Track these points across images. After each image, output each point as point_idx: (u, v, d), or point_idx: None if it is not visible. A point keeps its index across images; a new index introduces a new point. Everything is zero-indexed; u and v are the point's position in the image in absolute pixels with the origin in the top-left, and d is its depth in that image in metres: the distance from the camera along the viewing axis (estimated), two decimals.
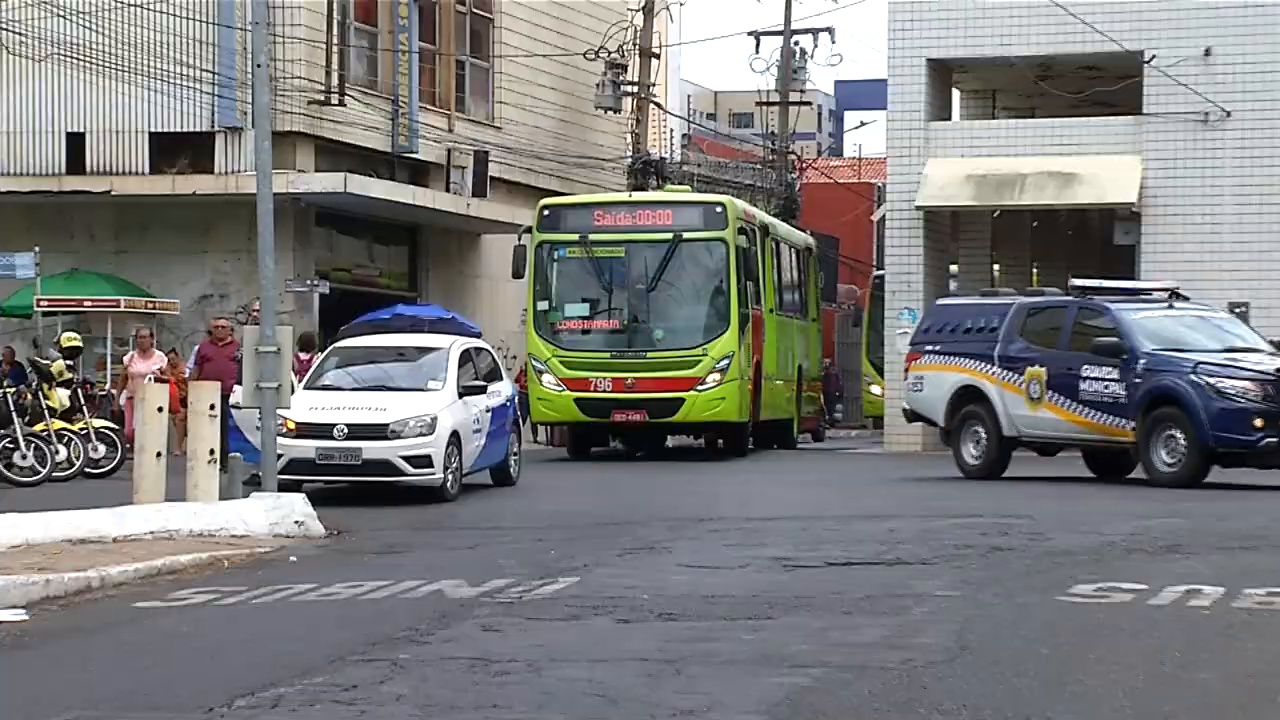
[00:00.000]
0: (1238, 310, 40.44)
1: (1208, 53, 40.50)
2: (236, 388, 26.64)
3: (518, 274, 36.61)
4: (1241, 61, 40.39)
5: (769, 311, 44.43)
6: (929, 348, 34.31)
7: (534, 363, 36.78)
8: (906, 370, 35.87)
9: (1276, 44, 40.23)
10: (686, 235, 36.42)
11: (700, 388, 35.64)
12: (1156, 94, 40.99)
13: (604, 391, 35.86)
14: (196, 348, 34.94)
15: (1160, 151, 40.87)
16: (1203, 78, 40.55)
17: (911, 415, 36.37)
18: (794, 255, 51.19)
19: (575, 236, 36.78)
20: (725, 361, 35.94)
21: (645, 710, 11.78)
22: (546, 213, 38.33)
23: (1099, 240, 42.36)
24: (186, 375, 32.81)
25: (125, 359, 33.60)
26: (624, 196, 43.26)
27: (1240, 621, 15.24)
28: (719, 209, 37.24)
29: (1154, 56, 40.89)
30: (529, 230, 39.77)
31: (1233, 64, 40.40)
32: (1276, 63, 40.24)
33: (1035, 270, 48.32)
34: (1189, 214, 40.79)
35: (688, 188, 51.55)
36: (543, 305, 37.09)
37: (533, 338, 37.41)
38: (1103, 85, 42.09)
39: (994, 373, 31.84)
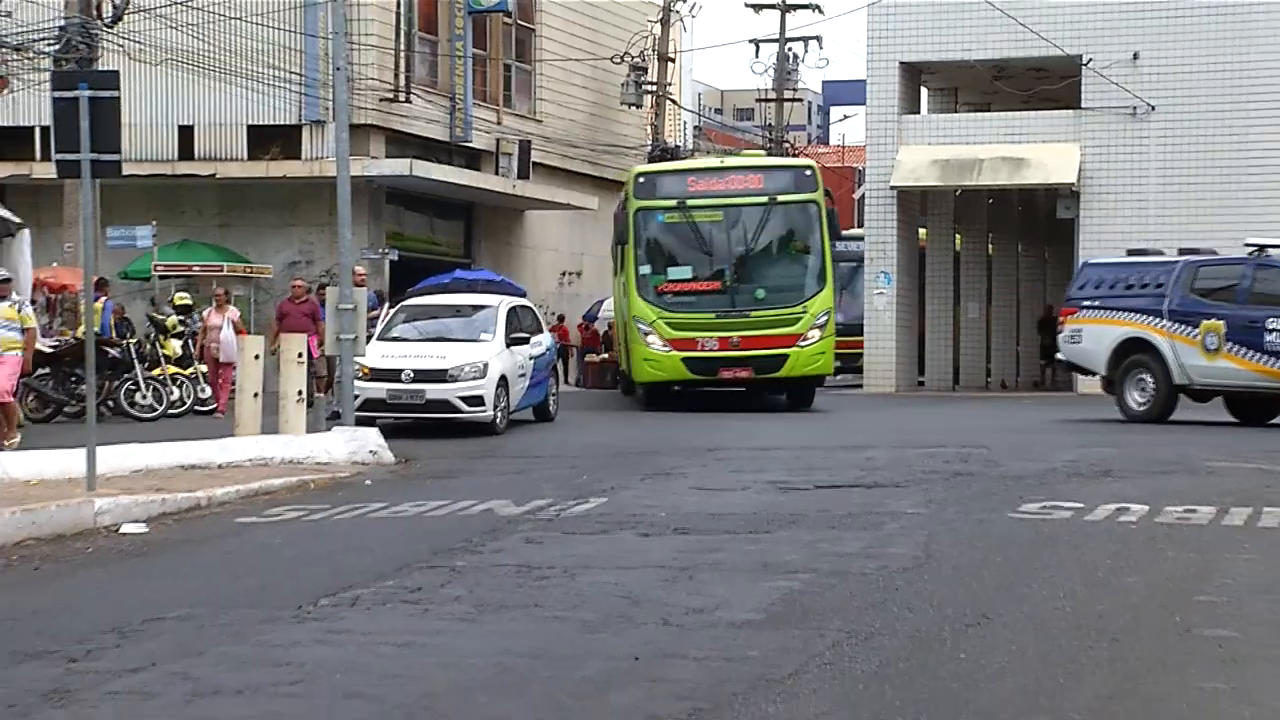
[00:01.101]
0: None
1: (1136, 56, 40.44)
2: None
3: (621, 240, 33.08)
4: (1164, 64, 40.32)
5: None
6: (1086, 303, 32.40)
7: (638, 325, 32.21)
8: (1061, 324, 33.27)
9: (1194, 49, 40.12)
10: (780, 198, 32.39)
11: (802, 344, 31.90)
12: (1093, 91, 40.92)
13: (710, 351, 31.92)
14: (278, 304, 34.95)
15: (1096, 140, 40.81)
16: (1131, 78, 40.49)
17: (1067, 365, 34.59)
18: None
19: (673, 202, 32.56)
20: (823, 318, 32.37)
21: (662, 609, 11.79)
22: (642, 180, 33.86)
23: (1045, 214, 42.25)
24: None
25: (204, 313, 33.39)
26: (716, 162, 38.20)
27: (1161, 534, 15.25)
28: (808, 172, 33.34)
29: (1090, 60, 40.83)
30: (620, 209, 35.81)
31: (1157, 66, 40.34)
32: (1193, 65, 40.15)
33: (990, 240, 48.08)
34: (1120, 192, 40.75)
35: (763, 152, 48.26)
36: (645, 269, 32.68)
37: (636, 301, 32.57)
38: (1048, 84, 41.94)
39: (1163, 326, 30.39)
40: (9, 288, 23.86)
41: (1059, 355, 34.19)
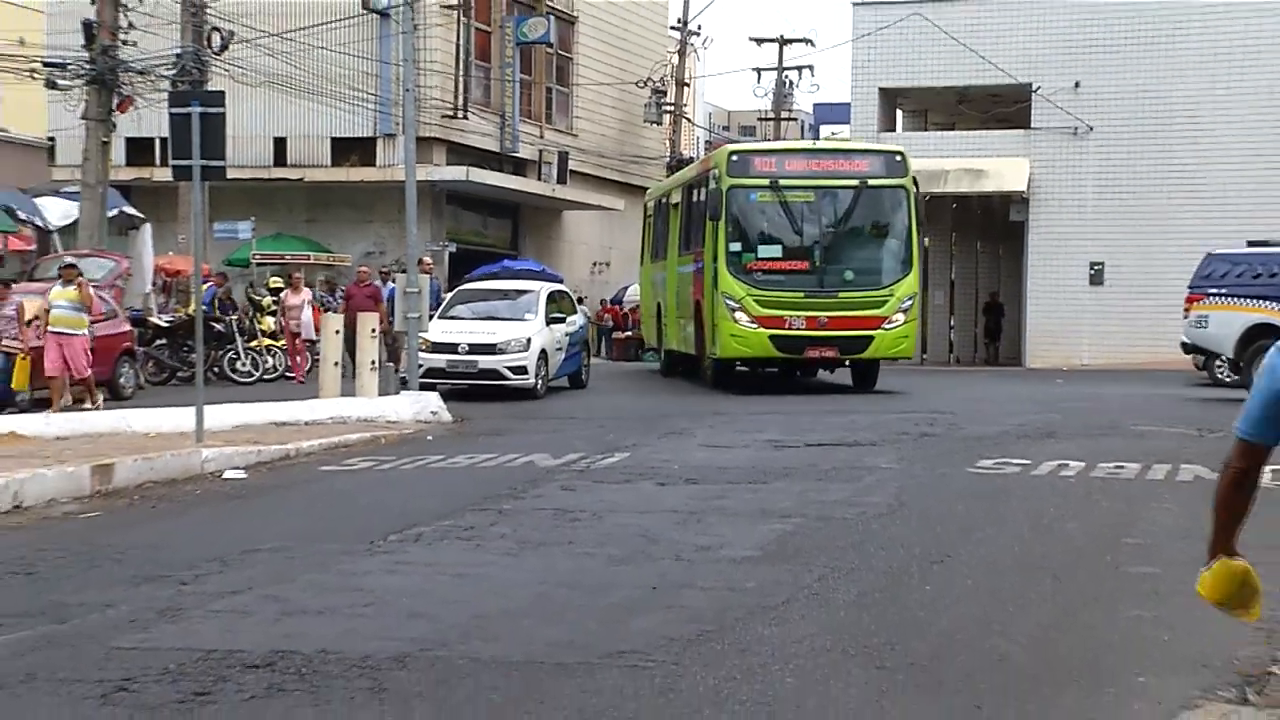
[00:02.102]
0: (1095, 267, 40.49)
1: (1077, 85, 40.32)
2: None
3: (714, 216, 28.08)
4: (1101, 91, 40.24)
5: None
6: (1212, 290, 30.50)
7: (727, 301, 27.67)
8: (1187, 310, 31.11)
9: (1126, 79, 40.05)
10: (871, 181, 27.96)
11: (887, 326, 27.45)
12: (1040, 114, 40.83)
13: (798, 329, 27.34)
14: (344, 287, 34.98)
15: (1043, 155, 40.75)
16: (1073, 103, 40.38)
17: (1190, 348, 31.68)
18: None
19: (766, 181, 27.85)
20: (909, 302, 27.92)
21: (675, 547, 11.81)
22: (735, 158, 28.85)
23: (1000, 218, 42.08)
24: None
25: (283, 295, 33.33)
26: (809, 144, 35.20)
27: (1096, 487, 15.24)
28: (898, 158, 28.65)
29: (1039, 87, 40.73)
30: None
31: (1094, 93, 40.26)
32: (1126, 93, 40.09)
33: (953, 239, 47.93)
34: (1063, 199, 40.72)
35: (860, 139, 40.03)
36: (735, 246, 27.95)
37: (725, 277, 27.88)
38: (1003, 107, 41.85)
39: None
40: (74, 273, 23.82)
41: (1184, 339, 31.48)
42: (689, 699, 7.55)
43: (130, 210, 36.18)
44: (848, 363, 29.82)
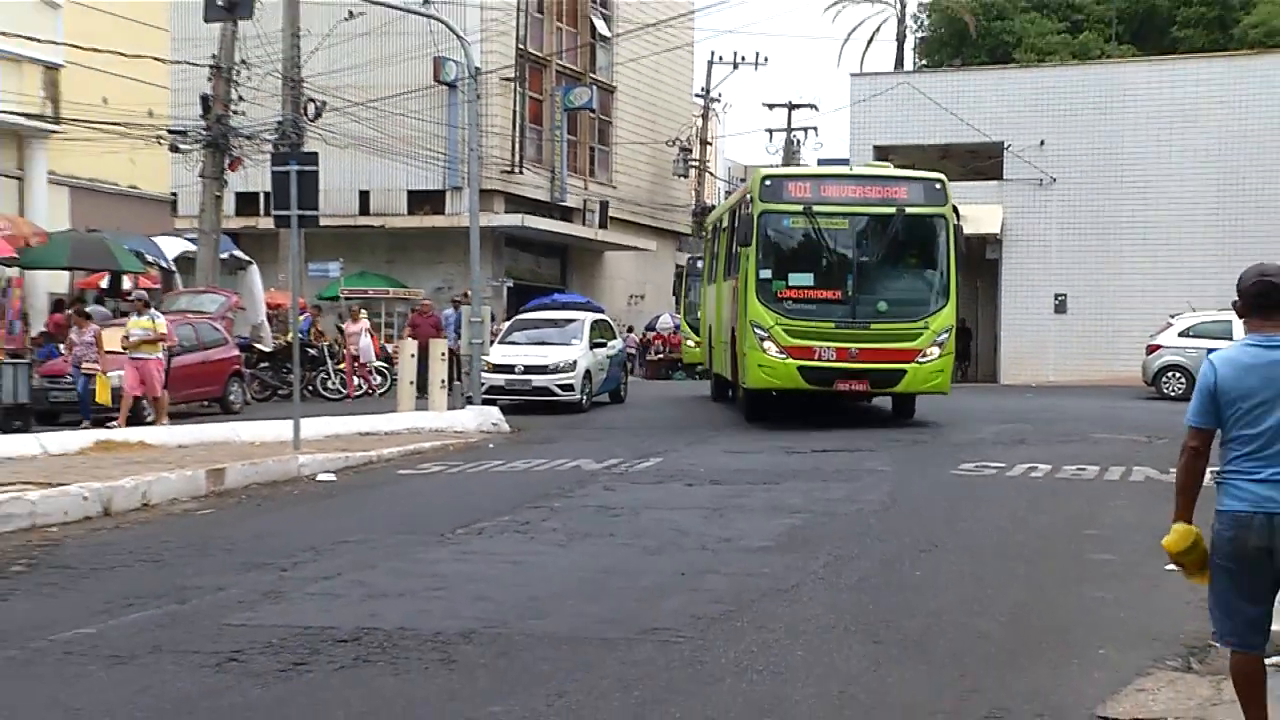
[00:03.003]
0: (1059, 298, 40.43)
1: (1042, 143, 40.18)
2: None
3: (745, 242, 23.75)
4: (1062, 149, 40.14)
5: None
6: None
7: (756, 329, 23.15)
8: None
9: (1083, 138, 39.92)
10: (908, 209, 23.12)
11: (921, 360, 22.68)
12: (1011, 168, 40.71)
13: (828, 361, 22.59)
14: (409, 316, 35.05)
15: (1014, 202, 40.63)
16: (1039, 158, 40.29)
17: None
18: None
19: (799, 207, 23.21)
20: (944, 335, 23.01)
21: (701, 538, 11.80)
22: (768, 183, 24.08)
23: (978, 256, 41.82)
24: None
25: (345, 324, 33.23)
26: (844, 169, 29.29)
27: (1061, 486, 15.21)
28: (938, 185, 23.79)
29: (1009, 145, 40.60)
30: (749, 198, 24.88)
31: (1057, 150, 40.16)
32: (1082, 150, 39.96)
33: None
34: (1030, 240, 40.59)
35: (889, 164, 33.38)
36: (765, 273, 23.33)
37: (754, 305, 23.37)
38: (979, 162, 41.74)
39: None
40: (145, 306, 23.63)
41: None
42: (713, 669, 7.54)
43: (239, 253, 36.33)
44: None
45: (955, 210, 22.98)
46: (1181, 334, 31.94)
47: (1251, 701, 5.77)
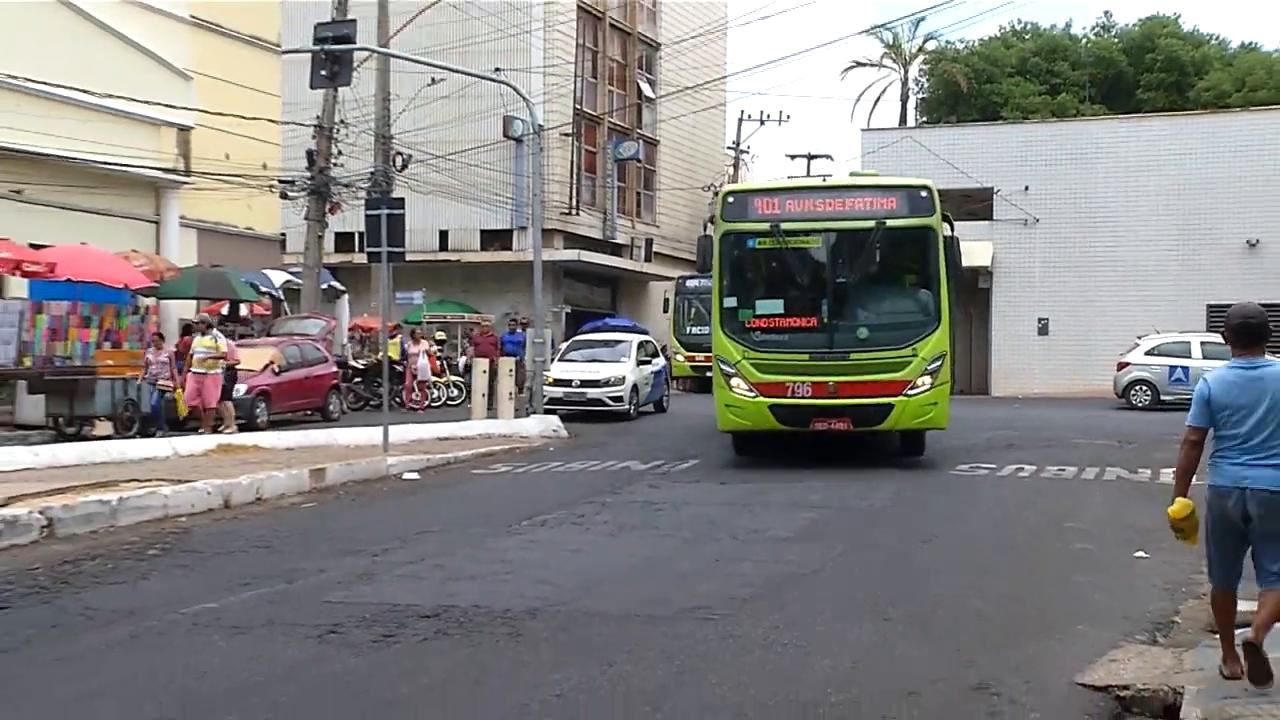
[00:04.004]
0: (1042, 321, 40.28)
1: (1026, 189, 40.00)
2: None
3: (704, 268, 19.88)
4: (1044, 193, 39.95)
5: None
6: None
7: (722, 366, 17.91)
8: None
9: (1063, 184, 39.75)
10: (891, 222, 17.72)
11: (911, 392, 17.27)
12: (1000, 209, 40.51)
13: (802, 397, 17.45)
14: (473, 335, 35.08)
15: (1002, 239, 40.43)
16: (1024, 201, 40.11)
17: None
18: None
19: (765, 225, 18.05)
20: (937, 363, 17.49)
21: (731, 528, 11.77)
22: (731, 199, 18.74)
23: (971, 286, 41.67)
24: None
25: (406, 344, 33.01)
26: (816, 180, 22.52)
27: (1045, 485, 15.12)
28: (924, 193, 18.48)
29: (998, 190, 40.42)
30: (709, 222, 20.73)
31: (1039, 194, 39.97)
32: (1061, 195, 39.78)
33: None
34: (1017, 272, 40.41)
35: (876, 172, 26.27)
36: (730, 302, 18.24)
37: (720, 338, 18.08)
38: (972, 204, 41.44)
39: None
40: (208, 328, 23.35)
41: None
42: (745, 642, 7.52)
43: (336, 284, 36.54)
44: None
45: (948, 221, 17.68)
46: (1147, 353, 32.06)
47: (1225, 623, 6.61)
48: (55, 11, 27.91)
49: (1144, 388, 31.55)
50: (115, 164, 28.47)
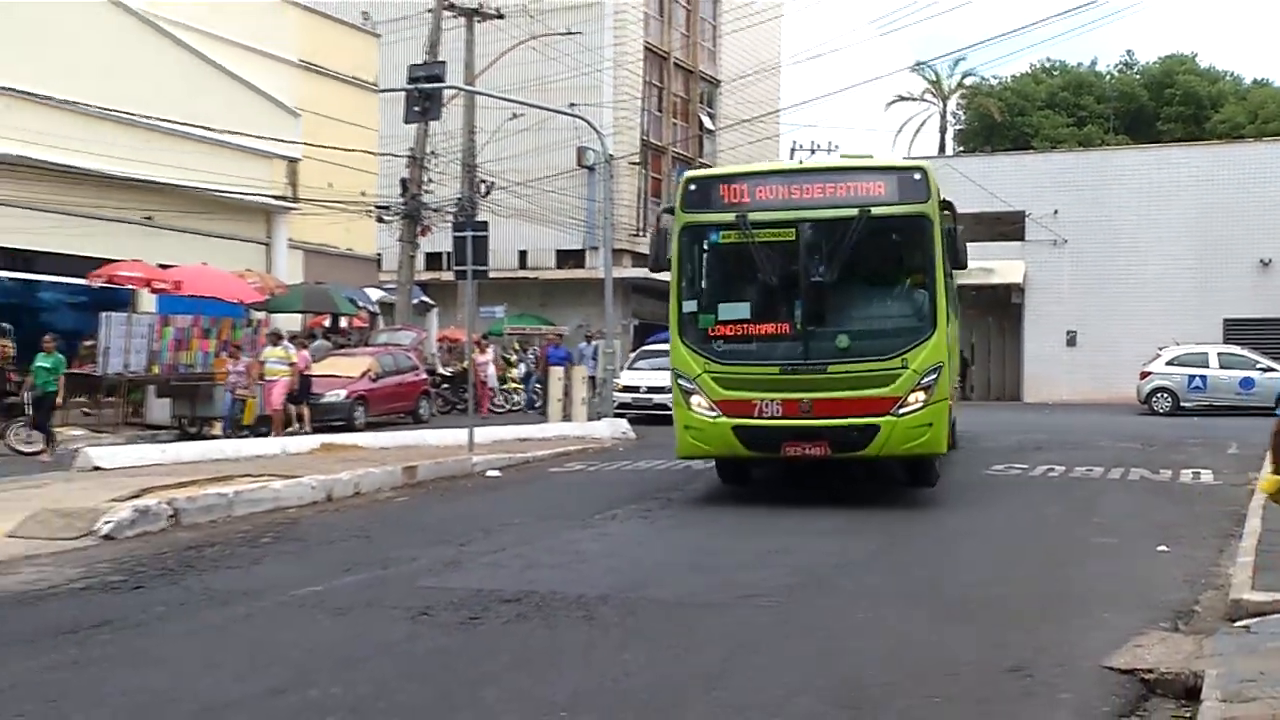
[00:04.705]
0: (1070, 334, 39.92)
1: (1055, 212, 39.67)
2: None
3: (657, 267, 14.40)
4: (1072, 217, 39.59)
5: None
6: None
7: (680, 381, 13.74)
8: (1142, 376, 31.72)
9: (1088, 209, 39.39)
10: (876, 210, 13.08)
11: (900, 411, 12.83)
12: (1031, 231, 40.16)
13: (771, 418, 13.07)
14: (540, 346, 35.11)
15: (1034, 258, 40.10)
16: (1054, 223, 39.78)
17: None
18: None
19: (731, 216, 13.48)
20: (931, 376, 12.98)
21: (784, 524, 11.70)
22: (693, 187, 14.01)
23: (1005, 300, 41.32)
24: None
25: (475, 354, 32.93)
26: (792, 164, 19.01)
27: (1074, 482, 14.92)
28: (917, 176, 13.56)
29: (1029, 213, 40.11)
30: (665, 211, 15.15)
31: (1068, 218, 39.61)
32: (1088, 218, 39.42)
33: (971, 314, 47.29)
34: (1047, 288, 40.07)
35: (870, 155, 21.44)
36: (690, 306, 13.86)
37: (678, 348, 13.80)
38: (1005, 226, 41.09)
39: None
40: (279, 338, 23.32)
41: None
42: (794, 626, 7.49)
43: (426, 299, 36.78)
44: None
45: (949, 210, 13.48)
46: (1168, 363, 31.82)
47: None
48: (182, 58, 28.36)
49: (1165, 395, 31.31)
50: (232, 192, 28.86)
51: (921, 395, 12.68)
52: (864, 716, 5.79)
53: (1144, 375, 32.04)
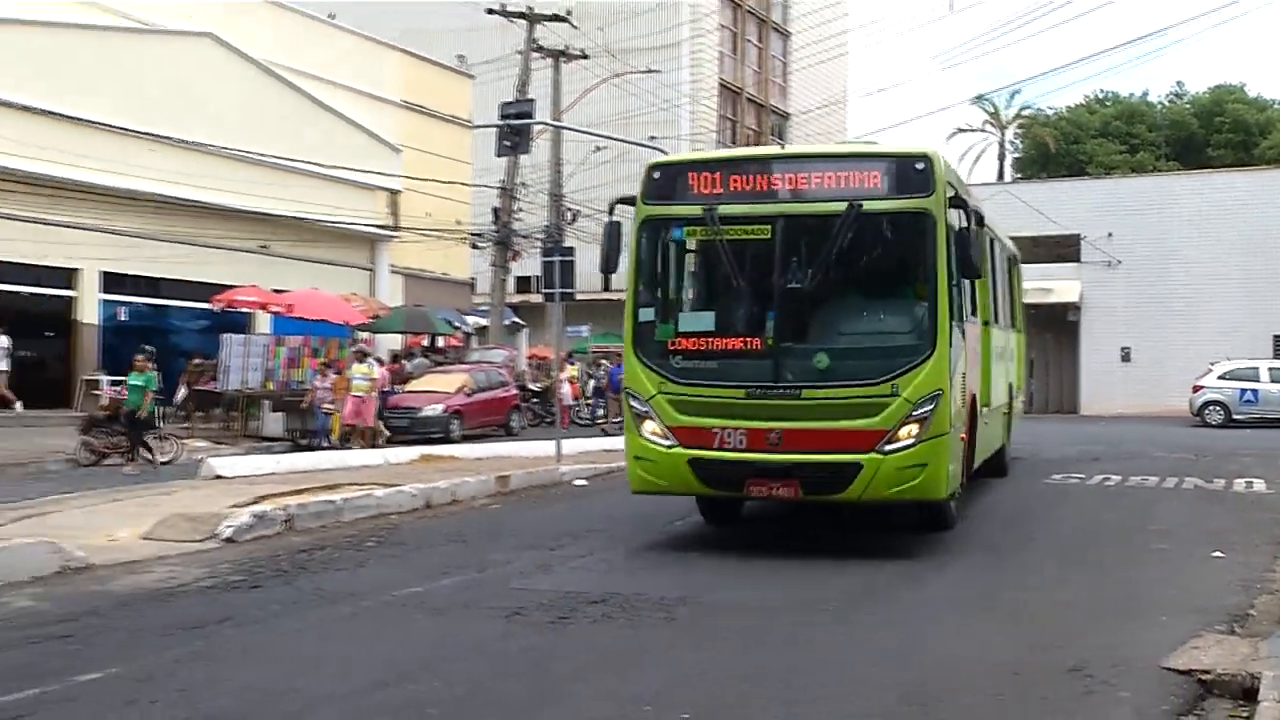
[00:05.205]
0: (1124, 350, 39.34)
1: (1110, 235, 39.14)
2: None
3: (608, 268, 10.97)
4: (1126, 238, 39.04)
5: (985, 324, 13.10)
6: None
7: (633, 403, 10.26)
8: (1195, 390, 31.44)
9: (1141, 231, 38.81)
10: (870, 205, 9.44)
11: (888, 448, 9.27)
12: (1087, 253, 39.63)
13: (734, 450, 9.61)
14: (608, 365, 35.11)
15: (1089, 279, 39.55)
16: (1108, 245, 39.20)
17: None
18: (1005, 258, 16.80)
19: (698, 210, 9.93)
20: (928, 407, 9.30)
21: (853, 532, 11.54)
22: (657, 175, 10.46)
23: (1061, 317, 40.69)
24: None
25: (554, 372, 32.78)
26: (772, 150, 14.76)
27: (1129, 491, 14.65)
28: (920, 165, 9.53)
29: (1085, 236, 39.58)
30: (621, 202, 11.09)
31: (1121, 240, 39.06)
32: (1141, 239, 38.87)
33: (1030, 331, 46.66)
34: (1102, 307, 39.53)
35: (875, 143, 13.23)
36: (647, 314, 10.49)
37: (631, 364, 10.37)
38: (1062, 249, 40.50)
39: None
40: (364, 356, 23.00)
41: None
42: (857, 629, 7.42)
43: (517, 320, 37.02)
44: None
45: (962, 206, 10.27)
46: (1220, 377, 31.46)
47: None
48: (296, 101, 28.90)
49: (1217, 408, 30.94)
50: (339, 223, 29.31)
51: (914, 429, 9.50)
52: (930, 712, 5.72)
53: (1196, 389, 31.73)
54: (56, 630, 7.38)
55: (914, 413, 9.47)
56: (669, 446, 10.06)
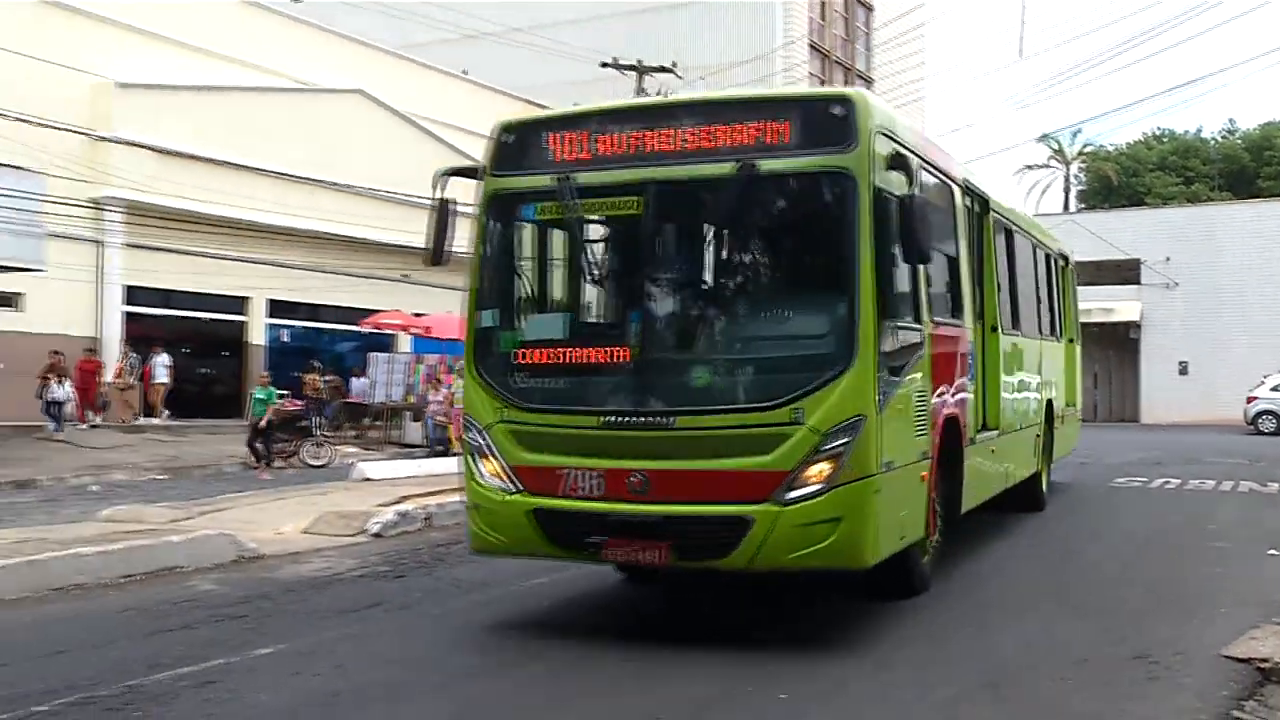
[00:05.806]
0: (1182, 364, 38.38)
1: (1168, 258, 38.23)
2: None
3: (437, 260, 6.60)
4: (1182, 262, 38.12)
5: (992, 330, 8.54)
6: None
7: (470, 433, 6.25)
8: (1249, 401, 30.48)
9: (1196, 254, 37.86)
10: (767, 165, 4.98)
11: (787, 496, 5.20)
12: (1147, 275, 38.71)
13: (587, 498, 5.64)
14: None
15: (1149, 299, 38.65)
16: (1166, 269, 38.31)
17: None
18: (1044, 258, 12.08)
19: (550, 181, 5.72)
20: (843, 439, 5.18)
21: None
22: (509, 139, 6.22)
23: (1124, 335, 39.65)
24: None
25: None
26: (651, 99, 11.07)
27: (1187, 494, 14.26)
28: (837, 109, 5.04)
29: (1144, 260, 38.70)
30: (456, 173, 6.74)
31: (1179, 263, 38.13)
32: (1196, 263, 37.96)
33: (1095, 347, 45.60)
34: (1161, 325, 38.66)
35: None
36: (487, 318, 6.32)
37: (470, 383, 6.32)
38: (1124, 271, 39.53)
39: None
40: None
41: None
42: (938, 624, 7.28)
43: None
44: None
45: (901, 166, 6.12)
46: (1273, 389, 30.79)
47: None
48: (432, 146, 29.41)
49: (1270, 417, 30.28)
50: (468, 251, 29.75)
51: (825, 469, 5.86)
52: (1002, 694, 5.62)
53: (1250, 400, 31.16)
54: (235, 611, 7.63)
55: (824, 447, 5.82)
56: (508, 493, 6.46)
